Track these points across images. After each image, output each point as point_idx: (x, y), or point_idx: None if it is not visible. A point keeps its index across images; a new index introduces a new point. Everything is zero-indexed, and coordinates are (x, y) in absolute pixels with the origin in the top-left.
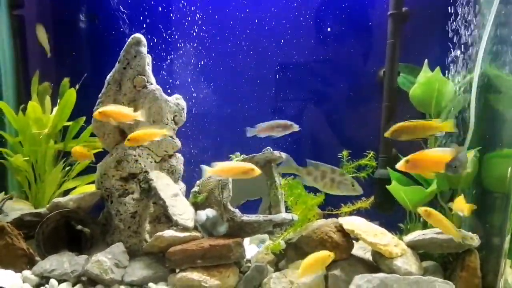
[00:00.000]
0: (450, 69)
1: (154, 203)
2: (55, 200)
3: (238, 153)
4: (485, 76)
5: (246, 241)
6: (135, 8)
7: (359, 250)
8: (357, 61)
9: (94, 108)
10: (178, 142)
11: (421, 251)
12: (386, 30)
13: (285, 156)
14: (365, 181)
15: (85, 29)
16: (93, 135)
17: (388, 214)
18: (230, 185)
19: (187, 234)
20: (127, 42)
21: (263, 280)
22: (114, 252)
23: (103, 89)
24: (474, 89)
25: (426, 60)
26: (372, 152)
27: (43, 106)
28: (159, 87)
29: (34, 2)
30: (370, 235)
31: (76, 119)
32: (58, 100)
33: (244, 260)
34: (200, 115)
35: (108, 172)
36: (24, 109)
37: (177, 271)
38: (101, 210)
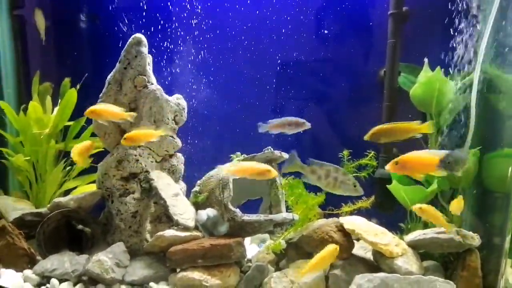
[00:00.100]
0: (450, 69)
1: (155, 203)
2: (56, 200)
3: (239, 153)
4: (486, 76)
5: (247, 241)
6: (135, 8)
7: (360, 250)
8: (358, 61)
9: None
10: (179, 142)
11: (422, 251)
12: (387, 30)
13: (290, 153)
14: (366, 181)
15: (86, 29)
16: (94, 135)
17: (389, 214)
18: (231, 185)
19: (188, 234)
20: (128, 42)
21: (264, 280)
22: (115, 252)
23: (104, 89)
24: (475, 89)
25: (427, 60)
26: (373, 152)
27: (44, 106)
28: (160, 87)
29: (35, 2)
30: (371, 235)
31: (77, 119)
32: (59, 100)
33: (245, 260)
34: (200, 115)
35: (109, 172)
36: (25, 109)
37: (178, 271)
38: (102, 210)
